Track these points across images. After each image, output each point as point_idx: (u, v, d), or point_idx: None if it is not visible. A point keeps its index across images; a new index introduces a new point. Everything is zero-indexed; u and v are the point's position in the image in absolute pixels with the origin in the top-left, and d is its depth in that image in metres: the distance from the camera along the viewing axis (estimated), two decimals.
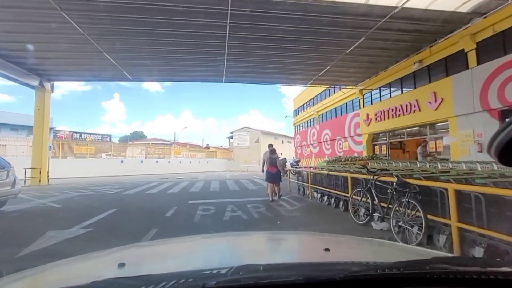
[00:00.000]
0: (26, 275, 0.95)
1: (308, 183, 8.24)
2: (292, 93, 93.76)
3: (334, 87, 21.07)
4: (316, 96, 25.30)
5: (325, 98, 23.45)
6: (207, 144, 50.42)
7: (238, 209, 6.60)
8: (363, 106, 17.34)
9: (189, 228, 4.80)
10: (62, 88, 64.24)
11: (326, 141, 22.63)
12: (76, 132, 41.52)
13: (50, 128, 40.17)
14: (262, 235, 2.01)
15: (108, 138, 44.59)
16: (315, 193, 7.88)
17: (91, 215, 5.78)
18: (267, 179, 8.56)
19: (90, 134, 42.24)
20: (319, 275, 0.65)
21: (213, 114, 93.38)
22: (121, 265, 0.89)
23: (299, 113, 30.57)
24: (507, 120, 0.55)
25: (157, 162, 30.77)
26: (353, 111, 18.76)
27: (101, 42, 10.00)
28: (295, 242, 1.56)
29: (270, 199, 8.13)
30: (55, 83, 15.20)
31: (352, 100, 18.83)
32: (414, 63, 12.50)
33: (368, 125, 16.49)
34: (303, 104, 29.17)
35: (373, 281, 0.66)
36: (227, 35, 9.52)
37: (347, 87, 17.16)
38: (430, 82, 12.16)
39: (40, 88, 14.00)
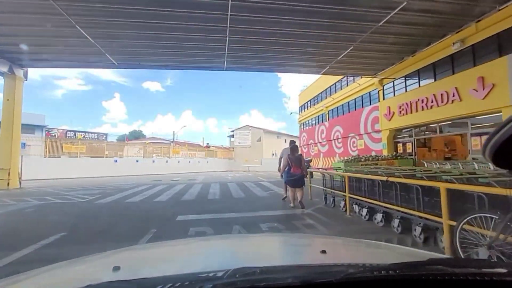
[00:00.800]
0: (19, 279, 0.93)
1: (344, 191, 5.91)
2: (294, 92, 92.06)
3: (347, 78, 18.85)
4: (325, 90, 23.04)
5: (335, 92, 21.19)
6: (207, 143, 48.07)
7: (248, 233, 4.36)
8: (383, 99, 15.10)
9: None
10: (63, 88, 62.34)
11: (337, 139, 20.41)
12: (70, 131, 39.34)
13: (42, 126, 37.97)
14: (259, 237, 2.05)
15: (104, 137, 42.38)
16: (355, 206, 5.59)
17: (10, 248, 3.57)
18: (289, 182, 6.65)
19: (85, 132, 40.07)
20: (315, 278, 0.65)
21: (214, 114, 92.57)
22: (116, 268, 0.89)
23: (305, 109, 28.34)
24: (502, 121, 0.52)
25: (153, 162, 28.63)
26: (370, 104, 16.52)
27: (83, 24, 8.24)
28: (292, 244, 1.52)
29: (292, 205, 6.61)
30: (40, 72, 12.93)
31: (369, 93, 16.58)
32: (454, 44, 10.25)
33: (390, 119, 14.26)
34: (310, 100, 26.92)
35: (370, 283, 0.66)
36: (229, 16, 7.86)
37: (366, 76, 14.91)
38: (475, 65, 9.92)
39: (10, 75, 11.78)
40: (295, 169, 6.45)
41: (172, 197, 8.36)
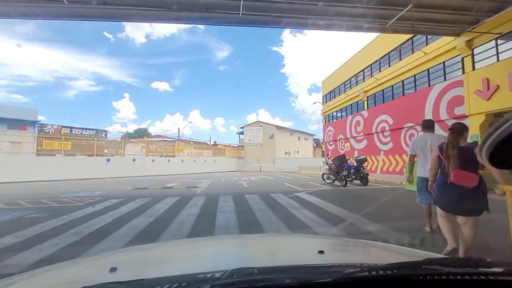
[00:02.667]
0: (14, 281, 0.90)
1: None
2: (302, 91, 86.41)
3: (400, 50, 13.73)
4: (363, 70, 17.89)
5: (379, 71, 16.05)
6: (215, 141, 43.13)
7: None
8: (473, 68, 9.99)
9: None
10: (75, 89, 61.51)
11: (383, 131, 15.32)
12: (66, 127, 35.15)
13: (35, 122, 33.54)
14: (257, 238, 1.93)
15: (104, 133, 38.07)
16: None
17: None
18: (445, 202, 2.57)
19: (83, 129, 35.87)
20: (313, 278, 0.64)
21: (221, 113, 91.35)
22: (113, 269, 0.86)
23: (331, 99, 23.21)
24: (499, 121, 0.50)
25: (153, 161, 24.09)
26: (445, 80, 11.41)
27: None
28: (290, 245, 1.48)
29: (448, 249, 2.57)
30: None
31: (443, 63, 11.48)
32: None
33: (489, 98, 9.18)
34: (339, 86, 21.76)
35: (367, 283, 0.65)
36: None
37: (448, 35, 9.83)
38: None
39: None
40: (461, 176, 2.40)
41: (130, 241, 3.65)
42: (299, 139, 44.10)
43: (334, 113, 22.68)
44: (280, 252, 1.33)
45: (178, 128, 36.13)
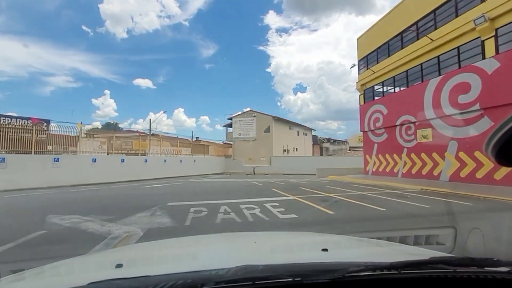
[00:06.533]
0: (25, 276, 0.92)
1: None
2: (287, 89, 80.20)
3: None
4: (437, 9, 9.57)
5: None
6: (197, 137, 33.52)
7: None
8: None
9: None
10: (51, 85, 56.23)
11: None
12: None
13: None
14: (261, 235, 1.92)
15: (45, 124, 27.75)
16: None
17: None
18: None
19: (12, 117, 25.52)
20: (317, 276, 0.63)
21: (206, 112, 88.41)
22: (119, 266, 0.88)
23: (380, 58, 14.55)
24: (506, 118, 0.51)
25: (94, 161, 15.16)
26: None
27: None
28: (294, 242, 1.49)
29: None
30: None
31: None
32: None
33: None
34: (393, 38, 13.26)
35: (371, 281, 0.64)
36: None
37: None
38: None
39: None
40: None
41: None
42: (298, 134, 35.85)
43: (384, 84, 14.23)
44: (284, 249, 1.33)
45: (150, 120, 26.55)
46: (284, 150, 31.26)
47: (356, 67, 16.42)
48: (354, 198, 7.24)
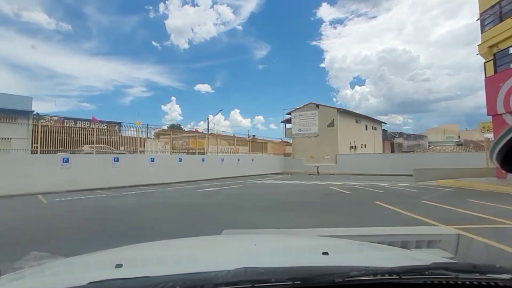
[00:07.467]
0: (24, 275, 0.93)
1: None
2: (343, 84, 73.45)
3: None
4: None
5: None
6: (253, 135, 31.71)
7: None
8: None
9: None
10: (130, 95, 72.28)
11: None
12: (70, 118, 27.39)
13: (27, 112, 25.52)
14: (262, 237, 1.89)
15: (117, 126, 29.67)
16: None
17: None
18: None
19: (89, 121, 27.87)
20: (317, 280, 0.63)
21: (261, 112, 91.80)
22: (119, 266, 0.87)
23: None
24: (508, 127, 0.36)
25: (152, 160, 14.54)
26: None
27: None
28: (294, 245, 1.44)
29: None
30: None
31: None
32: None
33: None
34: None
35: (372, 286, 0.64)
36: None
37: None
38: None
39: None
40: None
41: None
42: (366, 128, 30.93)
43: None
44: (285, 252, 1.30)
45: (207, 119, 25.82)
46: (351, 147, 27.09)
47: (479, 22, 11.60)
48: None
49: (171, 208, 6.85)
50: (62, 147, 12.14)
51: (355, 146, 27.65)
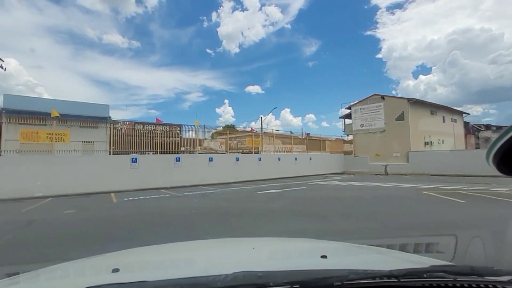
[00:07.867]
0: (19, 280, 0.90)
1: None
2: (405, 74, 63.77)
3: None
4: None
5: None
6: (308, 133, 30.04)
7: None
8: None
9: None
10: (189, 101, 78.59)
11: None
12: (140, 122, 30.06)
13: (105, 118, 28.97)
14: (259, 241, 1.82)
15: (178, 128, 31.58)
16: None
17: None
18: None
19: (155, 125, 30.23)
20: (315, 283, 0.62)
21: (312, 110, 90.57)
22: (115, 270, 0.86)
23: None
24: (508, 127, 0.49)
25: (211, 160, 14.53)
26: None
27: None
28: (293, 249, 1.44)
29: None
30: None
31: None
32: None
33: None
34: None
35: None
36: None
37: None
38: None
39: None
40: None
41: None
42: (444, 121, 26.25)
43: None
44: (283, 256, 1.30)
45: (260, 118, 25.31)
46: (426, 143, 23.28)
47: None
48: None
49: (240, 216, 6.10)
50: (132, 147, 12.93)
51: (431, 142, 23.66)
